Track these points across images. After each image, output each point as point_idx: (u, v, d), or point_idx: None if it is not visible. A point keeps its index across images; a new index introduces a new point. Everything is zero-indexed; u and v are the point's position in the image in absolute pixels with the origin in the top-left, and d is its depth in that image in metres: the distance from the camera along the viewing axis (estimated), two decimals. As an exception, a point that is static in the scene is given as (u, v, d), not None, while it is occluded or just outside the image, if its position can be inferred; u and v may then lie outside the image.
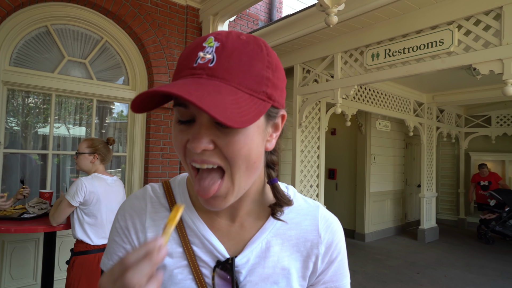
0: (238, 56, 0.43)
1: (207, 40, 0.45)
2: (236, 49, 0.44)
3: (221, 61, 0.43)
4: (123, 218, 0.57)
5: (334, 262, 0.58)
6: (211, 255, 0.53)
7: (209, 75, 0.42)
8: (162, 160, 3.39)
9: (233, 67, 0.43)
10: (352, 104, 4.47)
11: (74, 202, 1.89)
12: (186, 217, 0.55)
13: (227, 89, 0.42)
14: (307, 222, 0.58)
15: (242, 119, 0.40)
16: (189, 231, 0.54)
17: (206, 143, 0.43)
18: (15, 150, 2.84)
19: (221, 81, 0.42)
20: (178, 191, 0.59)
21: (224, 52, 0.43)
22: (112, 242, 0.57)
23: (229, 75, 0.43)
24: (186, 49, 0.47)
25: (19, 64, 2.78)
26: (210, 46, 0.44)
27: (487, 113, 6.85)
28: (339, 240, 0.59)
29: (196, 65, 0.43)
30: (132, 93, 3.37)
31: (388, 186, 6.30)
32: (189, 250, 0.53)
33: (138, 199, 0.58)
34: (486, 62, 2.27)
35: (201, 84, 0.41)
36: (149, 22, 3.28)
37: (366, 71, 3.03)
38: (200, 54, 0.43)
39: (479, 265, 4.57)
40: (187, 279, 0.52)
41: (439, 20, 2.50)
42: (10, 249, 2.69)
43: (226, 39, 0.44)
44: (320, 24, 2.88)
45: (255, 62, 0.44)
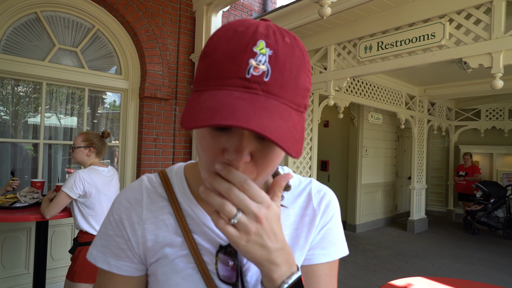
0: (289, 68, 0.41)
1: (257, 44, 0.40)
2: (287, 59, 0.41)
3: (276, 75, 0.40)
4: (117, 211, 0.56)
5: (324, 228, 0.59)
6: (213, 242, 0.53)
7: (265, 91, 0.39)
8: (155, 151, 3.39)
9: (286, 82, 0.41)
10: (345, 96, 4.50)
11: (72, 194, 1.91)
12: (185, 206, 0.55)
13: (285, 110, 0.40)
14: (302, 199, 0.60)
15: (298, 146, 0.40)
16: (189, 219, 0.54)
17: (247, 155, 0.41)
18: (6, 139, 2.81)
19: (277, 99, 0.40)
20: (175, 180, 0.58)
21: (278, 64, 0.40)
22: (104, 235, 0.56)
23: (283, 91, 0.40)
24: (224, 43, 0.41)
25: (8, 51, 2.73)
26: (262, 53, 0.40)
27: (476, 107, 6.96)
28: (331, 208, 0.60)
29: (250, 77, 0.39)
30: (125, 83, 3.34)
31: (379, 178, 6.40)
32: (190, 238, 0.53)
33: (133, 191, 0.57)
34: (476, 56, 2.30)
35: (261, 104, 0.38)
36: (142, 11, 3.24)
37: (359, 64, 3.05)
38: (252, 62, 0.39)
39: (465, 254, 4.71)
40: (188, 268, 0.52)
41: (431, 13, 2.52)
42: (1, 239, 2.68)
43: (277, 45, 0.41)
44: (314, 15, 2.88)
45: (301, 74, 0.42)
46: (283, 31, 0.43)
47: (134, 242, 0.54)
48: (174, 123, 3.52)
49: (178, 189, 0.57)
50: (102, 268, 0.55)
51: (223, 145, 0.42)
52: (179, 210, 0.55)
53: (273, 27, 0.42)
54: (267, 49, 0.40)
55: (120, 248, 0.54)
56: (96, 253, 0.56)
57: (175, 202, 0.55)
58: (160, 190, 0.57)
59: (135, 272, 0.55)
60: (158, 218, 0.55)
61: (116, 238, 0.55)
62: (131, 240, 0.54)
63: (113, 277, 0.55)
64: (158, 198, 0.56)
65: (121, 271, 0.54)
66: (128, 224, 0.54)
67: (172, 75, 3.50)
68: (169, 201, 0.56)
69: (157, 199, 0.56)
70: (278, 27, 0.44)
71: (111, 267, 0.54)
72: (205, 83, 0.41)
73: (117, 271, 0.54)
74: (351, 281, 3.58)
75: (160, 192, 0.57)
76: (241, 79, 0.39)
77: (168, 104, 3.47)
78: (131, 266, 0.55)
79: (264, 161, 0.43)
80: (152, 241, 0.54)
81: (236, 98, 0.38)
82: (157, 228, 0.54)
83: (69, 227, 3.03)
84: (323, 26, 3.18)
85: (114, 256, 0.54)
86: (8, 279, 2.70)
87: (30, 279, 2.75)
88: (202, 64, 0.43)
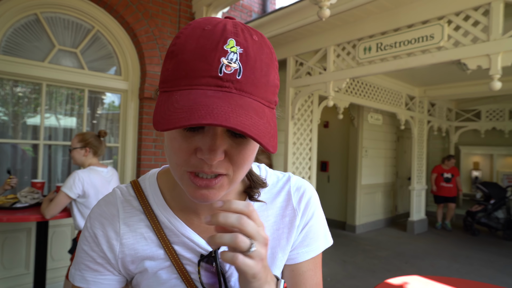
0: (260, 66, 0.41)
1: (227, 43, 0.39)
2: (257, 57, 0.41)
3: (248, 73, 0.40)
4: (92, 226, 0.53)
5: (305, 227, 0.58)
6: (194, 251, 0.53)
7: (238, 89, 0.40)
8: (155, 151, 3.40)
9: (258, 79, 0.41)
10: (344, 97, 4.51)
11: (71, 194, 1.92)
12: (162, 218, 0.53)
13: (259, 107, 0.41)
14: (281, 199, 0.58)
15: (274, 141, 0.40)
16: (168, 231, 0.53)
17: (220, 153, 0.41)
18: (5, 140, 2.82)
19: (250, 96, 0.40)
20: (150, 191, 0.56)
21: (249, 62, 0.40)
22: (80, 251, 0.54)
23: (255, 89, 0.41)
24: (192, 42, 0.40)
25: (8, 52, 2.74)
26: (233, 51, 0.39)
27: (477, 108, 6.96)
28: (311, 206, 0.59)
29: (222, 75, 0.39)
30: (124, 84, 3.35)
31: (379, 178, 6.40)
32: (171, 250, 0.52)
33: (108, 205, 0.55)
34: (474, 57, 2.31)
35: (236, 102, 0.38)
36: (142, 12, 3.25)
37: (358, 65, 3.06)
38: (224, 61, 0.39)
39: (464, 255, 4.71)
40: (172, 278, 0.52)
41: (430, 15, 2.52)
42: (2, 239, 2.69)
43: (247, 43, 0.41)
44: (313, 17, 2.89)
45: (270, 71, 0.43)
46: (250, 29, 0.43)
47: (111, 258, 0.53)
48: (173, 124, 3.53)
49: (153, 201, 0.55)
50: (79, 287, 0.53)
51: (196, 145, 0.42)
52: (156, 222, 0.53)
53: (241, 25, 0.42)
54: (237, 47, 0.40)
55: (97, 263, 0.53)
56: (74, 271, 0.54)
57: (152, 214, 0.54)
58: (135, 204, 0.55)
59: (116, 284, 0.54)
60: (136, 232, 0.53)
61: (92, 253, 0.53)
62: (108, 256, 0.53)
63: None
64: (134, 212, 0.54)
65: (100, 286, 0.53)
66: (105, 240, 0.53)
67: (172, 76, 3.50)
68: (145, 214, 0.54)
69: (134, 212, 0.54)
70: (245, 25, 0.44)
71: (89, 283, 0.53)
72: (175, 83, 0.41)
73: (95, 286, 0.53)
74: (350, 282, 3.59)
75: (136, 205, 0.55)
76: (213, 78, 0.39)
77: (167, 104, 3.47)
78: (112, 279, 0.54)
79: (239, 158, 0.43)
80: (132, 256, 0.53)
81: (210, 97, 0.38)
82: (136, 242, 0.53)
83: (69, 228, 3.04)
84: (322, 27, 3.18)
85: (92, 271, 0.53)
86: (8, 279, 2.72)
87: (30, 279, 2.76)
88: (169, 64, 0.42)
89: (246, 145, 0.44)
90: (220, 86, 0.39)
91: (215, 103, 0.37)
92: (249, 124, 0.37)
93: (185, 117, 0.36)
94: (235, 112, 0.37)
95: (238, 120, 0.36)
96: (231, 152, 0.43)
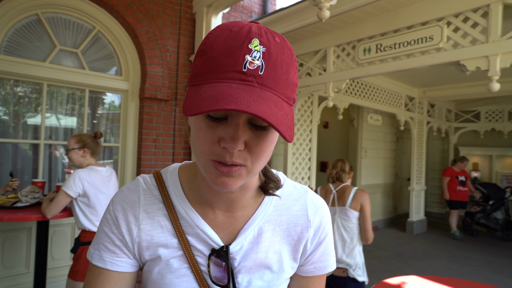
0: (280, 64, 0.45)
1: (252, 42, 0.44)
2: (278, 56, 0.45)
3: (269, 69, 0.44)
4: (114, 209, 0.57)
5: (322, 243, 0.62)
6: (206, 244, 0.55)
7: (260, 84, 0.43)
8: (155, 151, 3.41)
9: (278, 76, 0.45)
10: (344, 97, 4.52)
11: (72, 193, 1.93)
12: (179, 208, 0.57)
13: (278, 101, 0.44)
14: (297, 208, 0.61)
15: (291, 132, 0.44)
16: (183, 222, 0.56)
17: (241, 143, 0.44)
18: (7, 139, 2.83)
19: (270, 91, 0.44)
20: (170, 182, 0.60)
21: (271, 60, 0.44)
22: (100, 232, 0.57)
23: (275, 84, 0.44)
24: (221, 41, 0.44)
25: (9, 52, 2.75)
26: (257, 50, 0.44)
27: (476, 109, 6.97)
28: (326, 223, 0.62)
29: (246, 71, 0.43)
30: (125, 84, 3.36)
31: (379, 179, 6.41)
32: (184, 240, 0.55)
33: (131, 192, 0.58)
34: (473, 59, 2.32)
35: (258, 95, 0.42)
36: (142, 13, 3.26)
37: (358, 65, 3.07)
38: (248, 57, 0.43)
39: (463, 256, 4.72)
40: (182, 268, 0.55)
41: (430, 16, 2.54)
42: (2, 238, 2.70)
43: (269, 43, 0.45)
44: (313, 18, 2.90)
45: (290, 70, 0.46)
46: (273, 32, 0.47)
47: (129, 241, 0.56)
48: (174, 124, 3.54)
49: (173, 192, 0.58)
50: (96, 265, 0.55)
51: (220, 135, 0.45)
52: (173, 212, 0.57)
53: (264, 28, 0.46)
54: (260, 46, 0.44)
55: (115, 245, 0.56)
56: (93, 250, 0.57)
57: (170, 205, 0.57)
58: (156, 193, 0.58)
59: (129, 268, 0.56)
60: (154, 220, 0.56)
61: (111, 235, 0.56)
62: (126, 239, 0.55)
63: (104, 273, 0.55)
64: (154, 200, 0.57)
65: (116, 267, 0.55)
66: (124, 224, 0.56)
67: (172, 76, 3.52)
68: (164, 204, 0.57)
69: (153, 201, 0.57)
70: (268, 28, 0.47)
71: (105, 263, 0.55)
72: (204, 77, 0.45)
73: (111, 267, 0.55)
74: (349, 282, 3.59)
75: (156, 194, 0.58)
76: (238, 72, 0.43)
77: (168, 105, 3.49)
78: (127, 262, 0.56)
79: (257, 149, 0.47)
80: (147, 241, 0.56)
81: (235, 88, 0.42)
82: (152, 229, 0.56)
83: (69, 227, 3.05)
84: (322, 28, 3.20)
85: (110, 252, 0.56)
86: (8, 279, 2.72)
87: (30, 279, 2.77)
88: (199, 61, 0.46)
89: (265, 137, 0.47)
90: (244, 80, 0.43)
91: (239, 93, 0.41)
92: (268, 113, 0.40)
93: (211, 104, 0.39)
94: (256, 102, 0.40)
95: (259, 109, 0.40)
96: (250, 143, 0.46)
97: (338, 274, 2.05)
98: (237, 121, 0.44)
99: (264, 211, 0.58)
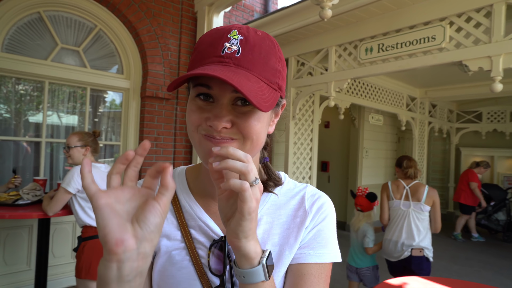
0: (258, 50, 0.49)
1: (231, 32, 0.49)
2: (257, 43, 0.49)
3: (246, 53, 0.48)
4: None
5: (314, 228, 0.59)
6: (207, 236, 0.57)
7: (236, 64, 0.48)
8: (156, 150, 3.41)
9: (255, 59, 0.49)
10: (345, 97, 4.51)
11: (71, 189, 1.94)
12: (184, 202, 0.60)
13: (253, 78, 0.48)
14: (295, 202, 0.62)
15: (265, 104, 0.47)
16: (187, 215, 0.59)
17: (226, 122, 0.48)
18: (8, 137, 2.84)
19: (246, 70, 0.48)
20: (177, 179, 0.64)
21: (248, 45, 0.49)
22: None
23: (252, 66, 0.49)
24: (207, 37, 0.51)
25: (11, 50, 2.76)
26: (235, 38, 0.49)
27: (478, 109, 6.95)
28: (323, 211, 0.61)
29: (224, 54, 0.48)
30: (126, 82, 3.36)
31: (380, 179, 6.40)
32: (187, 233, 0.57)
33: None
34: (476, 59, 2.31)
35: (232, 71, 0.46)
36: (144, 11, 3.26)
37: (360, 65, 3.06)
38: (226, 44, 0.48)
39: (464, 257, 4.71)
40: (184, 260, 0.56)
41: (432, 16, 2.53)
42: (4, 235, 2.71)
43: (248, 34, 0.50)
44: (315, 17, 2.89)
45: (270, 57, 0.51)
46: (257, 30, 0.52)
47: None
48: (175, 123, 3.54)
49: (179, 187, 0.63)
50: None
51: (207, 115, 0.50)
52: (178, 206, 0.60)
53: (249, 27, 0.52)
54: (239, 35, 0.49)
55: None
56: None
57: (175, 199, 0.61)
58: None
59: None
60: None
61: None
62: None
63: None
64: None
65: None
66: None
67: (173, 75, 3.52)
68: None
69: None
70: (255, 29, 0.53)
71: None
72: (192, 66, 0.51)
73: None
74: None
75: None
76: (217, 56, 0.49)
77: (169, 103, 3.49)
78: None
79: (246, 126, 0.50)
80: None
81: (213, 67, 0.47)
82: None
83: (70, 225, 3.05)
84: (324, 27, 3.19)
85: None
86: (10, 276, 2.73)
87: (32, 276, 2.78)
88: (192, 56, 0.53)
89: (252, 114, 0.50)
90: (221, 62, 0.48)
91: (214, 68, 0.46)
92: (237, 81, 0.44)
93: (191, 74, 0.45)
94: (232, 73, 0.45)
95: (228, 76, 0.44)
96: (238, 122, 0.50)
97: (416, 254, 2.43)
98: (222, 101, 0.49)
99: (263, 204, 0.60)
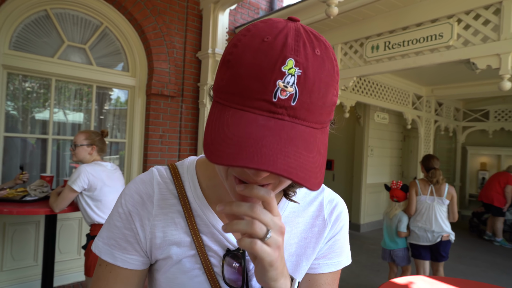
0: (318, 87, 0.39)
1: (286, 63, 0.37)
2: (317, 77, 0.38)
3: (303, 98, 0.38)
4: (127, 203, 0.54)
5: (332, 239, 0.59)
6: (220, 244, 0.53)
7: (291, 116, 0.38)
8: (161, 147, 3.43)
9: (314, 103, 0.39)
10: (351, 95, 4.49)
11: (77, 188, 1.96)
12: (195, 205, 0.54)
13: (310, 136, 0.39)
14: (313, 208, 0.59)
15: (320, 177, 0.38)
16: (199, 220, 0.53)
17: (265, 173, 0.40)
18: (16, 134, 2.87)
19: (302, 123, 0.39)
20: (186, 177, 0.56)
21: (307, 85, 0.38)
22: (112, 227, 0.54)
23: (309, 114, 0.39)
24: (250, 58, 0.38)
25: (18, 48, 2.78)
26: (291, 74, 0.37)
27: (485, 108, 6.87)
28: (341, 220, 0.60)
29: (276, 101, 0.37)
30: (132, 80, 3.37)
31: (385, 178, 6.37)
32: (198, 239, 0.52)
33: (144, 184, 0.55)
34: (484, 57, 2.28)
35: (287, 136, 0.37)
36: (150, 9, 3.27)
37: (366, 63, 3.04)
38: (280, 84, 0.37)
39: (470, 256, 4.68)
40: (195, 268, 0.52)
41: (440, 13, 2.50)
42: (11, 231, 2.74)
43: (307, 62, 0.38)
44: (321, 14, 2.88)
45: (329, 90, 0.40)
46: (313, 40, 0.40)
47: (142, 236, 0.53)
48: (180, 120, 3.55)
49: (189, 187, 0.55)
50: (107, 261, 0.53)
51: None
52: (189, 209, 0.53)
53: (304, 36, 0.39)
54: (296, 68, 0.37)
55: (127, 241, 0.53)
56: (102, 245, 0.54)
57: (186, 201, 0.54)
58: (171, 187, 0.55)
59: (141, 265, 0.54)
60: (168, 216, 0.54)
61: (124, 231, 0.53)
62: (139, 234, 0.53)
63: (116, 270, 0.53)
64: (169, 195, 0.54)
65: (127, 264, 0.53)
66: (138, 218, 0.53)
67: (179, 72, 3.52)
68: (179, 199, 0.54)
69: (168, 195, 0.54)
70: (308, 34, 0.40)
71: (116, 260, 0.53)
72: (229, 98, 0.40)
73: (122, 264, 0.53)
74: (354, 281, 3.59)
75: (171, 189, 0.55)
76: (267, 102, 0.37)
77: (174, 101, 3.50)
78: (137, 260, 0.54)
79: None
80: (160, 238, 0.53)
81: (261, 126, 0.37)
82: (166, 226, 0.53)
83: (77, 221, 3.08)
84: (330, 25, 3.17)
85: (121, 249, 0.53)
86: (17, 271, 2.77)
87: (38, 271, 2.81)
88: (225, 73, 0.40)
89: None
90: (273, 112, 0.38)
91: (265, 137, 0.36)
92: (295, 166, 0.35)
93: (233, 153, 0.35)
94: (283, 152, 0.36)
95: (285, 162, 0.35)
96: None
97: (445, 239, 2.91)
98: None
99: (281, 213, 0.56)
